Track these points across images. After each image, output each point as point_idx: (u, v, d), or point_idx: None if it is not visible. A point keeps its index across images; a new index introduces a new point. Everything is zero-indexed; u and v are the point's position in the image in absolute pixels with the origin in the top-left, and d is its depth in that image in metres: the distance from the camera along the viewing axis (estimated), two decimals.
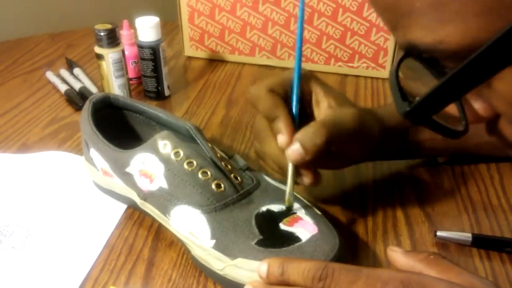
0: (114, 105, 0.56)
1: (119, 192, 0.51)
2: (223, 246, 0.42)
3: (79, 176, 0.56)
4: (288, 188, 0.44)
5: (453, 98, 0.30)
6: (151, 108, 0.55)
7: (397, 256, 0.37)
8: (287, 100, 0.46)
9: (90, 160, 0.53)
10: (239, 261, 0.41)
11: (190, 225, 0.43)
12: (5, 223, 0.50)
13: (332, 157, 0.48)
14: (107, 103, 0.55)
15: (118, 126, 0.56)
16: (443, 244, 0.48)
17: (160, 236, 0.49)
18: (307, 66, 0.85)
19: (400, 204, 0.53)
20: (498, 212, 0.52)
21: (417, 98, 0.30)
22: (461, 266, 0.45)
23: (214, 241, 0.42)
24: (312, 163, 0.45)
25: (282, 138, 0.44)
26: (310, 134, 0.43)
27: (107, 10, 1.21)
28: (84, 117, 0.52)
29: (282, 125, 0.44)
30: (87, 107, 0.53)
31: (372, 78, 0.83)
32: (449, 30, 0.27)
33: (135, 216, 0.51)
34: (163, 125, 0.54)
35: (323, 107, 0.47)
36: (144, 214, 0.50)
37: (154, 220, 0.49)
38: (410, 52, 0.31)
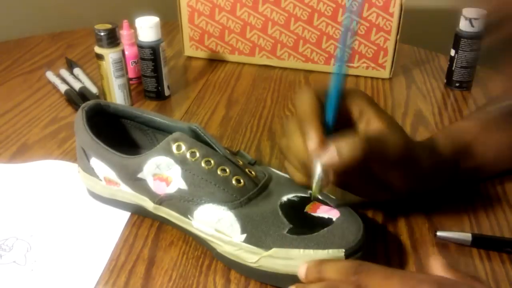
0: (105, 112, 0.54)
1: (123, 200, 0.50)
2: (255, 239, 0.42)
3: (77, 185, 0.54)
4: (314, 181, 0.43)
5: None
6: (145, 112, 0.53)
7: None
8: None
9: (89, 170, 0.51)
10: (274, 251, 0.41)
11: (216, 222, 0.43)
12: (3, 237, 0.48)
13: (376, 187, 0.48)
14: (98, 111, 0.53)
15: (111, 133, 0.54)
16: (443, 244, 0.48)
17: (160, 236, 0.49)
18: (307, 66, 0.85)
19: (400, 204, 0.53)
20: (498, 212, 0.52)
21: None
22: (461, 266, 0.45)
23: (245, 235, 0.42)
24: (344, 177, 0.44)
25: (311, 143, 0.42)
26: (350, 143, 0.41)
27: (107, 10, 1.21)
28: (80, 126, 0.50)
29: (312, 131, 0.42)
30: (81, 116, 0.51)
31: (372, 78, 0.83)
32: None
33: (135, 216, 0.51)
34: (157, 129, 0.54)
35: (371, 128, 0.45)
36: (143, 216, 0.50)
37: (160, 222, 0.49)
38: None
